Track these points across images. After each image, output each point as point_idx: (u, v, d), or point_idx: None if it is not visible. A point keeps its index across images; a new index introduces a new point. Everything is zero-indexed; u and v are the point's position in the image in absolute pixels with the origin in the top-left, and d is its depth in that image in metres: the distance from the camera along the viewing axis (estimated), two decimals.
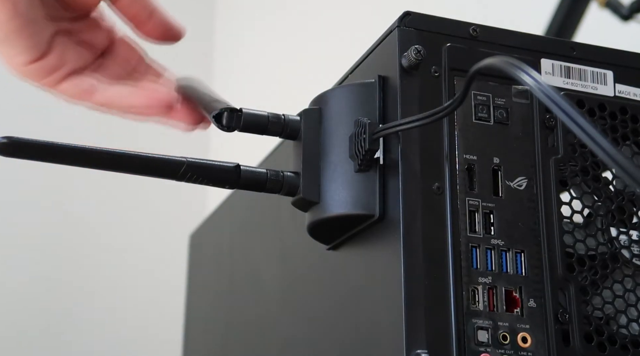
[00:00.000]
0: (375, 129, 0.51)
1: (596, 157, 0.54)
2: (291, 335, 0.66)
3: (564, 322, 0.50)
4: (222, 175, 0.53)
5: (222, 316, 0.88)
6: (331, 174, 0.53)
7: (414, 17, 0.53)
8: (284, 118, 0.55)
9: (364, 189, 0.52)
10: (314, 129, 0.54)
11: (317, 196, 0.53)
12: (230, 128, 0.53)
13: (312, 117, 0.55)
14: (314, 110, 0.55)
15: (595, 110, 0.55)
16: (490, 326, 0.49)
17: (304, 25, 1.72)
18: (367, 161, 0.51)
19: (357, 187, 0.52)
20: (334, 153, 0.53)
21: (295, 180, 0.54)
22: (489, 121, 0.53)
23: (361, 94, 0.53)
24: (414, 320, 0.47)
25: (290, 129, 0.55)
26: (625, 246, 0.53)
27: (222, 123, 0.53)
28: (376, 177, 0.51)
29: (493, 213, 0.51)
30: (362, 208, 0.52)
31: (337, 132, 0.53)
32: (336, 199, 0.53)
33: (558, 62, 0.55)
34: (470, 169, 0.52)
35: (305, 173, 0.54)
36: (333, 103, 0.54)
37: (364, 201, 0.52)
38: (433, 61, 0.52)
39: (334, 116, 0.54)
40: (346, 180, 0.52)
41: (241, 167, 0.54)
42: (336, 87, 0.56)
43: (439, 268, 0.49)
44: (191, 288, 1.06)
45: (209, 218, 1.00)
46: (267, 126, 0.54)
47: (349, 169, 0.52)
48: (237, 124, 0.53)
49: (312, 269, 0.63)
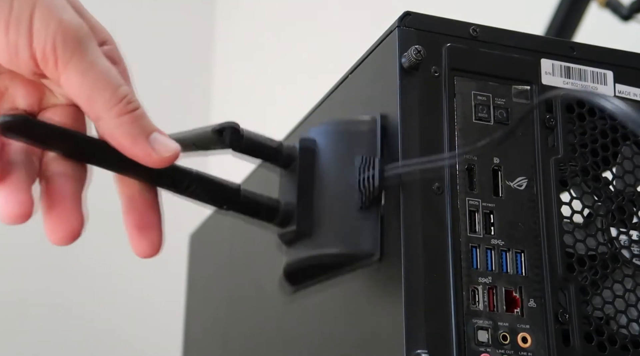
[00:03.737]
0: (385, 166, 0.50)
1: (596, 157, 0.54)
2: (291, 335, 0.66)
3: (564, 322, 0.50)
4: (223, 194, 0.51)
5: (222, 316, 0.88)
6: (329, 209, 0.51)
7: (414, 17, 0.53)
8: (283, 146, 0.53)
9: (364, 228, 0.50)
10: (310, 160, 0.52)
11: (310, 231, 0.51)
12: (233, 146, 0.51)
13: (309, 147, 0.53)
14: (310, 140, 0.53)
15: (596, 110, 0.55)
16: (490, 326, 0.49)
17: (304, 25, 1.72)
18: (372, 199, 0.50)
19: (357, 225, 0.50)
20: (331, 187, 0.51)
21: (289, 210, 0.52)
22: (489, 121, 0.53)
23: (361, 129, 0.52)
24: (414, 320, 0.47)
25: (286, 158, 0.53)
26: (625, 246, 0.53)
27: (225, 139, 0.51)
28: (377, 216, 0.50)
29: (493, 213, 0.51)
30: (361, 248, 0.50)
31: (335, 165, 0.52)
32: (332, 236, 0.51)
33: (558, 62, 0.55)
34: (470, 169, 0.52)
35: (300, 206, 0.51)
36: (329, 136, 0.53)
37: (364, 241, 0.50)
38: (433, 60, 0.52)
39: (331, 149, 0.52)
40: (345, 217, 0.50)
41: (241, 189, 0.51)
42: (332, 122, 0.54)
43: (439, 268, 0.49)
44: (191, 288, 1.06)
45: (209, 218, 1.00)
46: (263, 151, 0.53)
47: (347, 204, 0.50)
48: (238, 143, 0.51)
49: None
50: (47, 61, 0.43)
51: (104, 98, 0.44)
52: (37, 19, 0.42)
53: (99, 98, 0.44)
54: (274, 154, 0.53)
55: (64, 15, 0.43)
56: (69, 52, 0.43)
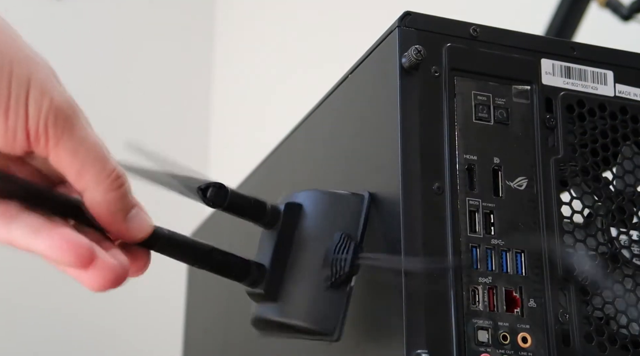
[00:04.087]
0: (358, 253, 0.50)
1: (596, 157, 0.54)
2: None
3: (564, 322, 0.50)
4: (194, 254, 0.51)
5: (222, 317, 0.88)
6: (300, 280, 0.51)
7: (414, 17, 0.53)
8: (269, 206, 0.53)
9: (329, 307, 0.50)
10: (292, 224, 0.52)
11: (277, 297, 0.51)
12: (215, 205, 0.52)
13: (294, 211, 0.53)
14: (296, 205, 0.53)
15: (595, 110, 0.55)
16: (490, 326, 0.49)
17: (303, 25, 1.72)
18: (341, 281, 0.50)
19: (323, 302, 0.50)
20: (307, 259, 0.51)
21: (260, 272, 0.52)
22: (489, 121, 0.53)
23: (348, 205, 0.52)
24: (414, 320, 0.47)
25: (270, 218, 0.53)
26: (625, 246, 0.53)
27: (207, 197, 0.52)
28: (344, 297, 0.50)
29: (493, 213, 0.51)
30: (321, 326, 0.50)
31: (314, 237, 0.51)
32: (298, 308, 0.51)
33: (558, 62, 0.55)
34: (470, 169, 0.52)
35: (272, 269, 0.51)
36: (317, 204, 0.53)
37: (325, 319, 0.50)
38: (433, 60, 0.52)
39: (316, 219, 0.52)
40: (313, 291, 0.50)
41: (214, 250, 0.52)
42: (323, 192, 0.54)
43: (439, 268, 0.49)
44: (191, 288, 1.06)
45: (209, 218, 1.00)
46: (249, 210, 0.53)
47: (318, 279, 0.50)
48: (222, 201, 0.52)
49: None
50: (39, 140, 0.43)
51: (92, 174, 0.44)
52: (32, 99, 0.42)
53: (88, 174, 0.44)
54: (258, 215, 0.53)
55: (54, 92, 0.43)
56: (59, 131, 0.43)
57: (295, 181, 0.69)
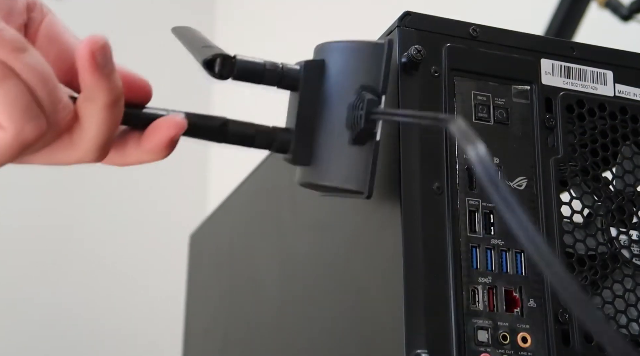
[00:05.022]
0: (373, 109, 0.48)
1: (596, 157, 0.54)
2: (291, 336, 0.66)
3: (564, 322, 0.50)
4: (208, 129, 0.49)
5: (222, 317, 0.88)
6: (325, 139, 0.50)
7: (414, 17, 0.53)
8: (282, 67, 0.50)
9: (356, 164, 0.49)
10: (314, 82, 0.50)
11: (308, 159, 0.50)
12: (223, 76, 0.49)
13: (314, 69, 0.50)
14: (317, 62, 0.51)
15: (595, 110, 0.55)
16: (490, 326, 0.49)
17: (303, 25, 1.72)
18: (361, 137, 0.49)
19: (350, 160, 0.49)
20: (331, 116, 0.50)
21: (287, 137, 0.50)
22: (489, 121, 0.53)
23: (370, 57, 0.50)
24: (414, 320, 0.48)
25: (289, 79, 0.50)
26: (625, 246, 0.53)
27: (214, 70, 0.49)
28: (370, 154, 0.49)
29: (493, 213, 0.51)
30: (352, 184, 0.49)
31: (338, 93, 0.50)
32: (327, 169, 0.50)
33: (558, 62, 0.55)
34: (471, 169, 0.52)
35: (298, 133, 0.50)
36: (339, 59, 0.51)
37: (354, 177, 0.49)
38: (433, 60, 0.52)
39: (338, 75, 0.50)
40: (340, 150, 0.49)
41: (229, 121, 0.50)
42: (346, 41, 0.51)
43: (439, 268, 0.49)
44: (191, 288, 1.06)
45: (209, 218, 1.00)
46: (263, 75, 0.50)
47: (344, 138, 0.49)
48: (230, 71, 0.49)
49: (313, 269, 0.63)
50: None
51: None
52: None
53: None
54: (273, 78, 0.50)
55: None
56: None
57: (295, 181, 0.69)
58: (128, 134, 0.48)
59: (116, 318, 1.74)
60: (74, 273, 1.73)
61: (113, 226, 1.79)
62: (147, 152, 0.47)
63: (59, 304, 1.71)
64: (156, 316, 1.74)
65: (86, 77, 0.44)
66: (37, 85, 0.43)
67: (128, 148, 0.48)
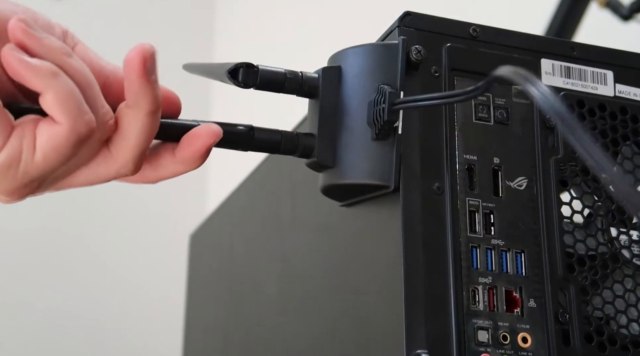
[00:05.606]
0: (395, 100, 0.50)
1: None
2: (291, 335, 0.66)
3: (564, 322, 0.50)
4: (235, 136, 0.51)
5: (222, 316, 0.88)
6: (348, 139, 0.52)
7: (414, 17, 0.53)
8: (302, 75, 0.53)
9: (380, 159, 0.51)
10: (333, 88, 0.53)
11: (332, 160, 0.52)
12: (247, 84, 0.52)
13: (332, 75, 0.53)
14: (334, 68, 0.53)
15: (595, 110, 0.55)
16: (490, 326, 0.49)
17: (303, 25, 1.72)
18: (385, 131, 0.50)
19: (374, 156, 0.51)
20: (352, 117, 0.52)
21: (310, 142, 0.52)
22: (489, 121, 0.53)
23: (384, 57, 0.52)
24: (414, 320, 0.47)
25: (308, 87, 0.53)
26: (625, 246, 0.53)
27: (239, 79, 0.52)
28: (393, 147, 0.50)
29: (493, 213, 0.51)
30: (377, 178, 0.51)
31: (357, 95, 0.52)
32: (351, 167, 0.52)
33: (558, 62, 0.55)
34: (470, 169, 0.52)
35: (321, 136, 0.52)
36: (354, 63, 0.53)
37: (379, 171, 0.51)
38: (433, 60, 0.52)
39: (355, 78, 0.53)
40: (363, 147, 0.51)
41: (254, 128, 0.52)
42: (359, 46, 0.54)
43: (439, 268, 0.49)
44: (191, 288, 1.06)
45: (209, 218, 1.00)
46: (284, 83, 0.52)
47: (366, 135, 0.51)
48: (254, 80, 0.52)
49: (313, 269, 0.63)
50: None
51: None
52: None
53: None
54: (294, 86, 0.53)
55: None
56: None
57: (295, 181, 0.69)
58: (160, 148, 0.49)
59: (116, 317, 1.74)
60: (74, 273, 1.73)
61: (113, 226, 1.79)
62: (183, 162, 0.49)
63: (59, 304, 1.71)
64: (156, 316, 1.74)
65: (135, 82, 0.45)
66: (85, 86, 0.45)
67: (162, 161, 0.49)
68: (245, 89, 0.52)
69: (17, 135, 0.44)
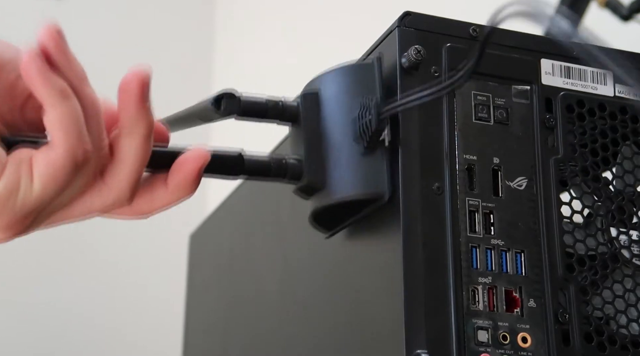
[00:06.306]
0: (382, 108, 0.50)
1: (596, 157, 0.54)
2: (291, 335, 0.66)
3: (564, 322, 0.50)
4: (225, 163, 0.52)
5: (222, 316, 0.88)
6: (336, 157, 0.52)
7: (414, 17, 0.53)
8: (282, 103, 0.54)
9: (372, 171, 0.51)
10: (313, 112, 0.53)
11: (322, 182, 0.52)
12: (230, 112, 0.52)
13: (311, 101, 0.54)
14: (312, 94, 0.54)
15: (595, 110, 0.55)
16: (490, 326, 0.49)
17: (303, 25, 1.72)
18: (373, 142, 0.51)
19: (364, 168, 0.51)
20: (336, 136, 0.52)
21: (298, 166, 0.53)
22: (489, 121, 0.53)
23: (360, 75, 0.53)
24: (414, 320, 0.47)
25: (288, 114, 0.54)
26: (625, 246, 0.53)
27: (221, 108, 0.52)
28: (383, 158, 0.51)
29: (493, 213, 0.51)
30: (370, 188, 0.51)
31: (338, 115, 0.53)
32: (343, 182, 0.52)
33: (558, 62, 0.55)
34: (470, 169, 0.52)
35: (308, 159, 0.53)
36: (332, 86, 0.54)
37: (372, 182, 0.51)
38: (433, 61, 0.52)
39: (333, 100, 0.53)
40: (352, 163, 0.51)
41: (244, 155, 0.52)
42: (333, 68, 0.55)
43: (439, 268, 0.49)
44: (191, 288, 1.06)
45: (209, 218, 1.00)
46: (266, 111, 0.53)
47: (354, 151, 0.51)
48: (237, 108, 0.52)
49: (313, 269, 0.63)
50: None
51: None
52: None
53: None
54: (275, 114, 0.53)
55: None
56: None
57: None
58: (153, 179, 0.49)
59: (116, 317, 1.74)
60: (74, 273, 1.73)
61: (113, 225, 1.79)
62: (176, 189, 0.49)
63: (59, 303, 1.71)
64: (156, 316, 1.74)
65: (132, 108, 0.46)
66: (92, 114, 0.46)
67: (155, 192, 0.49)
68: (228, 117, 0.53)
69: (13, 164, 0.44)
